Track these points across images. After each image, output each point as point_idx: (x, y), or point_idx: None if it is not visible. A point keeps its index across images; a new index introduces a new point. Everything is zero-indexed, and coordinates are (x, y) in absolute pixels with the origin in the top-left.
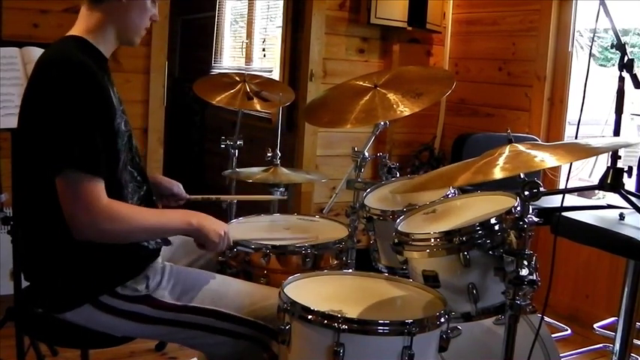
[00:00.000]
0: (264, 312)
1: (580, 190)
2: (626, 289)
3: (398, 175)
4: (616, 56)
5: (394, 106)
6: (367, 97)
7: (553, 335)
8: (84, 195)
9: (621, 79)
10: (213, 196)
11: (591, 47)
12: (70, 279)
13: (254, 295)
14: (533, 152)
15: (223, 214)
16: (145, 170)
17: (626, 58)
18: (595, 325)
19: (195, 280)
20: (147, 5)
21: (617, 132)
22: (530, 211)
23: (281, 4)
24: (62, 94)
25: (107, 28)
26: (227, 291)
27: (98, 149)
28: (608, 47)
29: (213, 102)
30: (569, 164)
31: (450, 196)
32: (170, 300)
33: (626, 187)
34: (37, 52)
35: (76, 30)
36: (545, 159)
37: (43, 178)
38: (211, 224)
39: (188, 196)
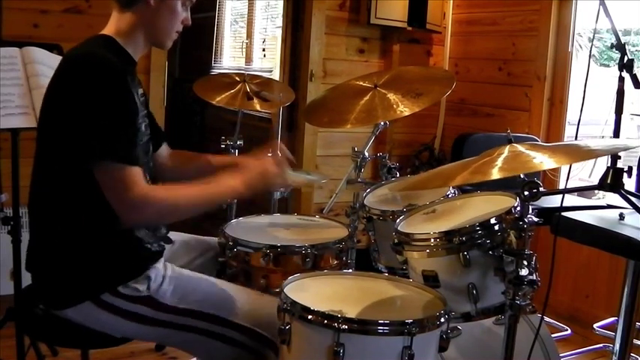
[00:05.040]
0: (262, 319)
1: (580, 190)
2: (626, 289)
3: (398, 175)
4: (616, 56)
5: (394, 106)
6: (367, 97)
7: (553, 335)
8: (122, 182)
9: (621, 79)
10: None
11: (591, 47)
12: (72, 274)
13: (253, 302)
14: (532, 153)
15: (223, 213)
16: (156, 176)
17: (626, 58)
18: (595, 325)
19: (196, 284)
20: (177, 8)
21: (616, 132)
22: (530, 211)
23: (281, 4)
24: (92, 88)
25: (137, 31)
26: (227, 297)
27: (132, 140)
28: (608, 47)
29: (213, 102)
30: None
31: (449, 196)
32: (171, 302)
33: (626, 187)
34: (37, 52)
35: (107, 31)
36: (544, 161)
37: (62, 171)
38: (257, 176)
39: None
